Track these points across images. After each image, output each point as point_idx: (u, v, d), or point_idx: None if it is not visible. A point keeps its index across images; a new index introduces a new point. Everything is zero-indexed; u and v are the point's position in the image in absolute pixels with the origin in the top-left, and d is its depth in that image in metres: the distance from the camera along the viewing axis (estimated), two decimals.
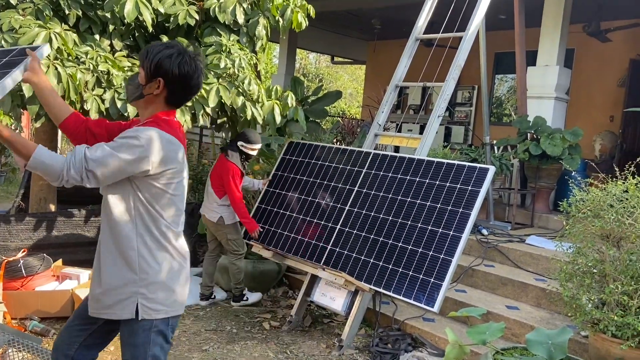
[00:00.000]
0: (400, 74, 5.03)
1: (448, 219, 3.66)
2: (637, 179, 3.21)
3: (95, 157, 1.78)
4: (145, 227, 1.92)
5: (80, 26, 4.12)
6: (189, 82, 1.92)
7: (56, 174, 1.75)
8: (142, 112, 1.98)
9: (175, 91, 1.92)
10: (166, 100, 1.94)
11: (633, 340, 3.01)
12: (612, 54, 8.12)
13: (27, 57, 1.98)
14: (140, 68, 1.93)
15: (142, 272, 1.91)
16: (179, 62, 1.87)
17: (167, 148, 1.88)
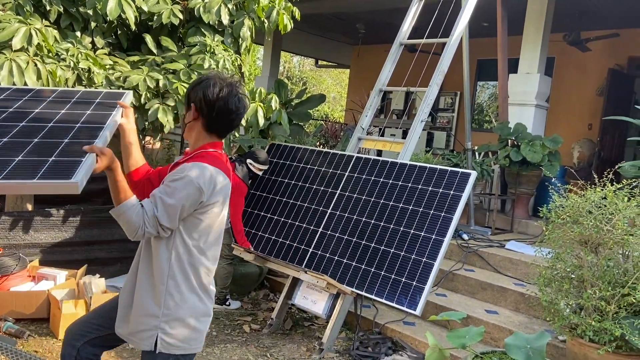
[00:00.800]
0: (384, 79, 5.06)
1: (430, 222, 3.68)
2: (615, 186, 3.26)
3: (161, 213, 1.82)
4: (180, 264, 1.92)
5: (62, 22, 4.06)
6: (215, 105, 1.91)
7: (134, 229, 1.80)
8: (189, 140, 2.01)
9: (208, 116, 1.93)
10: (206, 128, 1.95)
11: (610, 345, 3.06)
12: (592, 63, 8.27)
13: (120, 102, 2.09)
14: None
15: (166, 308, 1.91)
16: (205, 87, 1.91)
17: (209, 180, 1.88)
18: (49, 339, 3.77)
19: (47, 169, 1.56)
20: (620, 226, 3.09)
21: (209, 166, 1.88)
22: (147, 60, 4.28)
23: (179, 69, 4.17)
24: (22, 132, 1.82)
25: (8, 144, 1.70)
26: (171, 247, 1.89)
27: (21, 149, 1.69)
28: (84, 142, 1.75)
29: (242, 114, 1.99)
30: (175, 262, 1.90)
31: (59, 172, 1.54)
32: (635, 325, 3.01)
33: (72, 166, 1.59)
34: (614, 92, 7.93)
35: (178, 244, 1.90)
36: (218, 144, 1.99)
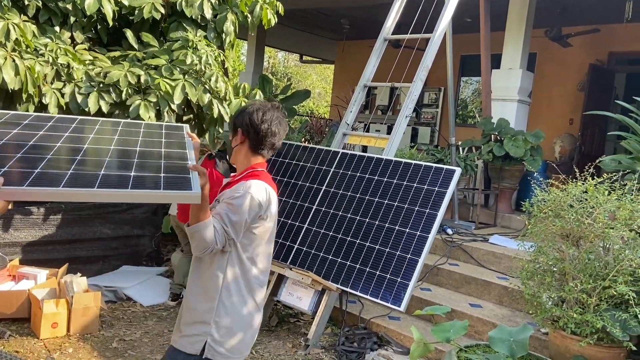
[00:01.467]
0: (368, 74, 5.05)
1: (415, 219, 3.69)
2: (596, 180, 3.30)
3: (230, 229, 1.96)
4: (234, 276, 2.03)
5: (40, 17, 3.98)
6: (258, 127, 2.08)
7: (205, 246, 1.92)
8: (235, 161, 2.18)
9: (253, 139, 2.11)
10: (252, 150, 2.13)
11: (591, 338, 3.10)
12: (573, 58, 8.36)
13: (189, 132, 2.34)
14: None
15: (218, 317, 2.01)
16: (250, 113, 2.10)
17: (266, 196, 2.05)
18: (30, 338, 3.71)
19: (165, 183, 1.77)
20: (601, 219, 3.13)
21: (264, 182, 2.07)
22: (128, 56, 4.22)
23: (161, 65, 4.12)
24: (117, 153, 2.07)
25: (119, 164, 1.92)
26: (226, 260, 2.02)
27: (130, 167, 1.89)
28: (178, 164, 1.97)
29: (283, 135, 2.18)
30: (229, 273, 2.03)
31: (177, 185, 1.76)
32: (616, 318, 3.06)
33: (185, 180, 1.81)
34: (594, 87, 8.03)
35: (233, 257, 2.03)
36: (263, 163, 2.17)
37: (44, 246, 4.67)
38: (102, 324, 4.04)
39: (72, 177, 1.74)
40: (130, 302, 4.59)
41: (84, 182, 1.71)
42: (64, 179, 1.73)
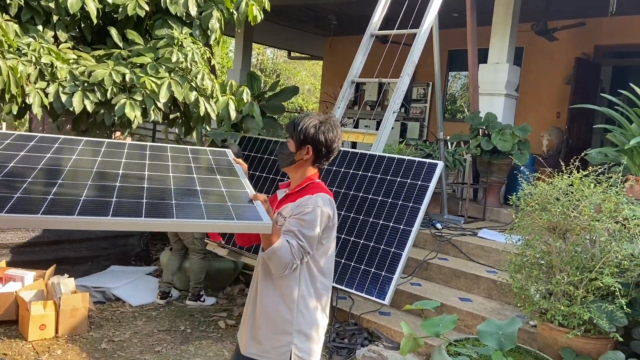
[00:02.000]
0: (356, 70, 5.05)
1: (399, 213, 3.70)
2: (582, 173, 3.33)
3: (306, 244, 2.05)
4: (306, 285, 2.14)
5: (22, 16, 3.93)
6: (331, 145, 2.17)
7: (285, 265, 2.01)
8: (293, 175, 2.24)
9: (319, 154, 2.18)
10: (312, 163, 2.20)
11: (579, 329, 3.13)
12: (559, 52, 8.41)
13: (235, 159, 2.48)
14: (290, 139, 2.18)
15: (298, 325, 2.11)
16: (323, 131, 2.14)
17: (332, 208, 2.15)
18: (18, 341, 3.68)
19: (234, 212, 1.86)
20: (587, 212, 3.15)
21: (327, 194, 2.16)
22: (113, 54, 4.17)
23: (146, 63, 4.08)
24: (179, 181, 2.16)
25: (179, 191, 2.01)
26: (299, 271, 2.11)
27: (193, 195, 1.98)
28: (237, 192, 2.08)
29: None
30: (303, 283, 2.13)
31: (245, 215, 1.84)
32: (603, 309, 3.09)
33: (251, 210, 1.90)
34: (581, 81, 8.09)
35: (304, 267, 2.12)
36: (317, 174, 2.25)
37: (31, 247, 4.63)
38: (90, 325, 4.01)
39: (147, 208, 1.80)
40: (119, 302, 4.57)
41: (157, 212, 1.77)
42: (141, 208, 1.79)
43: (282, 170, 2.34)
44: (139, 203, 1.83)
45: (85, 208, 1.73)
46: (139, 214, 1.74)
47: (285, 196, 2.24)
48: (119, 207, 1.77)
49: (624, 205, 3.19)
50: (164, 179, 2.13)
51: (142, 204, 1.82)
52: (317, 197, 2.10)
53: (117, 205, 1.78)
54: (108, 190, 1.92)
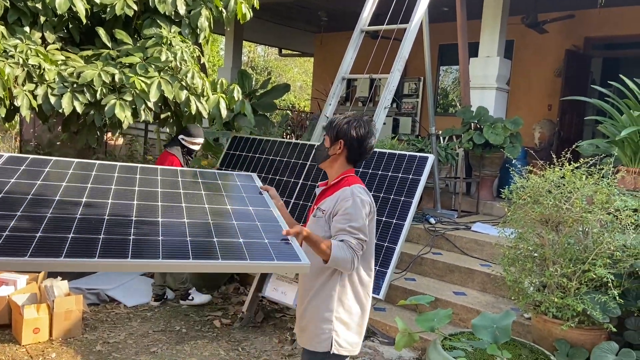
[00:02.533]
0: (346, 66, 5.03)
1: (391, 207, 3.71)
2: (573, 166, 3.34)
3: (361, 235, 2.14)
4: (348, 275, 2.23)
5: (9, 18, 3.89)
6: (363, 142, 2.27)
7: (349, 263, 2.11)
8: (329, 170, 2.35)
9: (352, 150, 2.28)
10: (347, 159, 2.30)
11: (573, 321, 3.14)
12: (549, 45, 8.43)
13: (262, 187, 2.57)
14: (326, 136, 2.33)
15: (337, 313, 2.22)
16: (355, 126, 2.26)
17: (368, 196, 2.25)
18: (12, 345, 3.66)
19: (272, 251, 1.89)
20: (578, 204, 3.16)
21: (362, 185, 2.27)
22: (102, 55, 4.14)
23: (135, 63, 4.05)
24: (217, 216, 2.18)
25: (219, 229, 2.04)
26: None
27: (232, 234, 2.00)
28: (271, 226, 2.13)
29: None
30: (344, 273, 2.22)
31: (283, 255, 1.87)
32: (596, 300, 3.10)
33: (287, 248, 1.93)
34: (571, 73, 8.12)
35: None
36: (353, 170, 2.35)
37: None
38: (85, 327, 3.99)
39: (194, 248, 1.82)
40: (113, 303, 4.55)
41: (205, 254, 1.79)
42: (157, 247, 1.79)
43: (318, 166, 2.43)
44: (183, 242, 1.85)
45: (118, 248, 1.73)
46: (186, 255, 1.76)
47: (322, 192, 2.36)
48: (167, 248, 1.79)
49: (616, 197, 3.21)
50: (201, 213, 2.16)
51: (187, 243, 1.84)
52: (353, 188, 2.21)
53: (166, 246, 1.81)
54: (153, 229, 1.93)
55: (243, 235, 1.99)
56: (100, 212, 2.02)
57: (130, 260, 1.68)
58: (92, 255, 1.65)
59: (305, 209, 4.15)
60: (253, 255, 1.83)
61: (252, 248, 1.89)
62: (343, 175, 2.30)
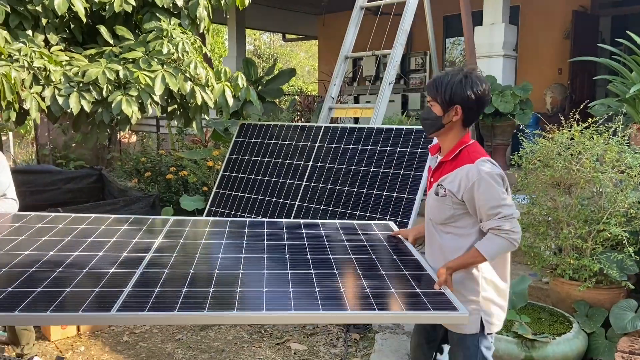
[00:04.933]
0: (348, 45, 5.01)
1: (401, 182, 3.71)
2: (582, 126, 3.30)
3: (511, 213, 1.98)
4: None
5: (10, 22, 3.93)
6: (483, 99, 2.02)
7: (510, 249, 2.00)
8: (443, 140, 2.12)
9: (470, 112, 2.03)
10: (463, 124, 2.06)
11: (590, 281, 3.14)
12: (556, 7, 8.26)
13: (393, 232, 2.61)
14: (433, 102, 2.05)
15: (484, 291, 2.09)
16: (471, 84, 1.99)
17: (495, 164, 2.04)
18: (42, 341, 3.77)
19: (426, 300, 1.87)
20: (589, 164, 3.14)
21: (485, 155, 2.03)
22: (105, 52, 4.18)
23: (138, 58, 4.08)
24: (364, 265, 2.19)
25: (370, 275, 2.06)
26: (479, 235, 2.06)
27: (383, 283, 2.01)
28: (419, 274, 2.10)
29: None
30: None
31: (440, 305, 1.85)
32: (613, 259, 3.09)
33: (442, 298, 1.90)
34: (580, 34, 7.96)
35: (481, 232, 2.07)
36: (469, 134, 2.11)
37: None
38: None
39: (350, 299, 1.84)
40: None
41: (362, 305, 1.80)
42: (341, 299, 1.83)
43: (428, 137, 2.27)
44: (336, 293, 1.88)
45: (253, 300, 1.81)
46: (341, 306, 1.80)
47: (440, 164, 2.13)
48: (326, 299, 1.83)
49: (627, 154, 3.17)
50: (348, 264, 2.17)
51: (341, 294, 1.88)
52: (477, 164, 1.99)
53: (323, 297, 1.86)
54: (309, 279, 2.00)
55: (393, 284, 1.99)
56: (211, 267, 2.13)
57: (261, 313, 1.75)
58: (201, 308, 1.75)
59: (317, 191, 4.17)
60: (409, 306, 1.82)
61: (405, 299, 1.88)
62: (461, 145, 2.05)
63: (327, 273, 2.06)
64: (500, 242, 1.96)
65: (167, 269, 2.08)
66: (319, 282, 1.97)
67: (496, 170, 1.99)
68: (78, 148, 9.78)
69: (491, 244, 1.97)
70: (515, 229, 1.96)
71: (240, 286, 1.91)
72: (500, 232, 1.95)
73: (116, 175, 7.43)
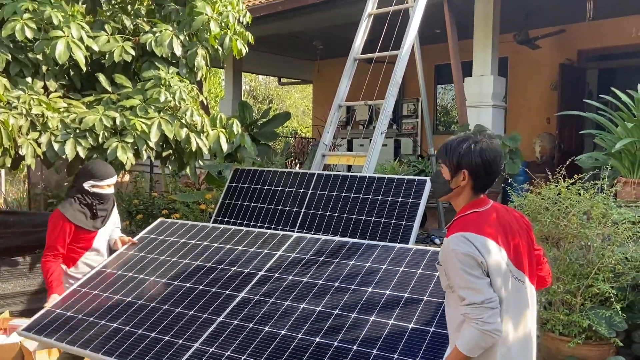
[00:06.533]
0: (342, 94, 5.12)
1: (393, 232, 3.72)
2: (568, 182, 3.38)
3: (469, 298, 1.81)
4: None
5: (11, 70, 4.01)
6: (491, 167, 1.94)
7: (484, 341, 1.79)
8: (454, 204, 2.04)
9: (479, 178, 1.94)
10: (473, 189, 1.97)
11: (580, 337, 3.15)
12: (543, 59, 8.53)
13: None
14: (442, 165, 2.00)
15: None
16: (479, 151, 1.92)
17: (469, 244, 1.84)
18: None
19: None
20: (576, 220, 3.19)
21: (462, 232, 1.87)
22: (103, 99, 4.26)
23: (135, 105, 4.16)
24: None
25: None
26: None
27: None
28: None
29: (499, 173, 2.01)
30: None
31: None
32: (601, 315, 3.11)
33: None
34: (567, 86, 8.19)
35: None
36: (480, 201, 1.98)
37: (33, 295, 4.64)
38: None
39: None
40: None
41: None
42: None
43: (439, 199, 2.22)
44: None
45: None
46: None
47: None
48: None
49: (612, 210, 3.23)
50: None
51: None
52: (449, 239, 1.87)
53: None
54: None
55: None
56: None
57: None
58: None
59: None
60: None
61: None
62: (461, 213, 1.97)
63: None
64: (473, 333, 1.79)
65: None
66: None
67: (462, 249, 1.82)
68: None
69: (464, 336, 1.82)
70: (485, 319, 1.76)
71: None
72: (470, 321, 1.79)
73: None
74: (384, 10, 5.21)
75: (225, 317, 2.57)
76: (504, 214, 2.00)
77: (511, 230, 1.95)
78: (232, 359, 2.32)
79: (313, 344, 2.29)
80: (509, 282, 1.88)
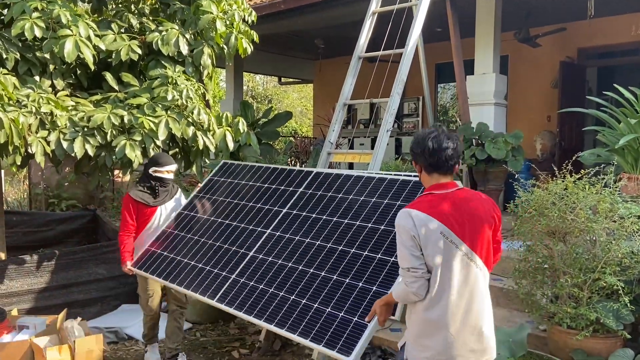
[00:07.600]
0: (346, 93, 5.15)
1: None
2: (575, 177, 3.41)
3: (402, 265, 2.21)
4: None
5: (19, 69, 4.04)
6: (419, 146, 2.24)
7: (408, 297, 2.21)
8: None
9: (419, 161, 2.29)
10: (427, 172, 2.28)
11: (587, 330, 3.18)
12: (544, 57, 8.57)
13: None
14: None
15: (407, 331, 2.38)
16: (416, 143, 2.28)
17: (408, 219, 2.17)
18: None
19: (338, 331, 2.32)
20: (583, 214, 3.23)
21: (407, 209, 2.21)
22: (110, 98, 4.28)
23: (143, 103, 4.19)
24: None
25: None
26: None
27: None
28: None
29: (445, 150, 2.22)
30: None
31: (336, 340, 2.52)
32: (609, 308, 3.15)
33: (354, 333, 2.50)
34: (567, 83, 8.23)
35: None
36: (438, 185, 2.26)
37: (41, 293, 4.67)
38: None
39: None
40: (132, 341, 4.60)
41: None
42: None
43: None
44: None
45: None
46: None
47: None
48: None
49: (619, 205, 3.27)
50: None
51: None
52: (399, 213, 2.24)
53: None
54: None
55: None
56: None
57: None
58: None
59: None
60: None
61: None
62: (424, 193, 2.32)
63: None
64: (401, 288, 2.22)
65: None
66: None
67: (401, 222, 2.18)
68: (71, 187, 9.75)
69: (396, 288, 2.29)
70: (408, 283, 2.16)
71: None
72: (402, 280, 2.22)
73: (109, 215, 7.42)
74: (388, 8, 5.24)
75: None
76: (465, 199, 2.25)
77: (469, 213, 2.21)
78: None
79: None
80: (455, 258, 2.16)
